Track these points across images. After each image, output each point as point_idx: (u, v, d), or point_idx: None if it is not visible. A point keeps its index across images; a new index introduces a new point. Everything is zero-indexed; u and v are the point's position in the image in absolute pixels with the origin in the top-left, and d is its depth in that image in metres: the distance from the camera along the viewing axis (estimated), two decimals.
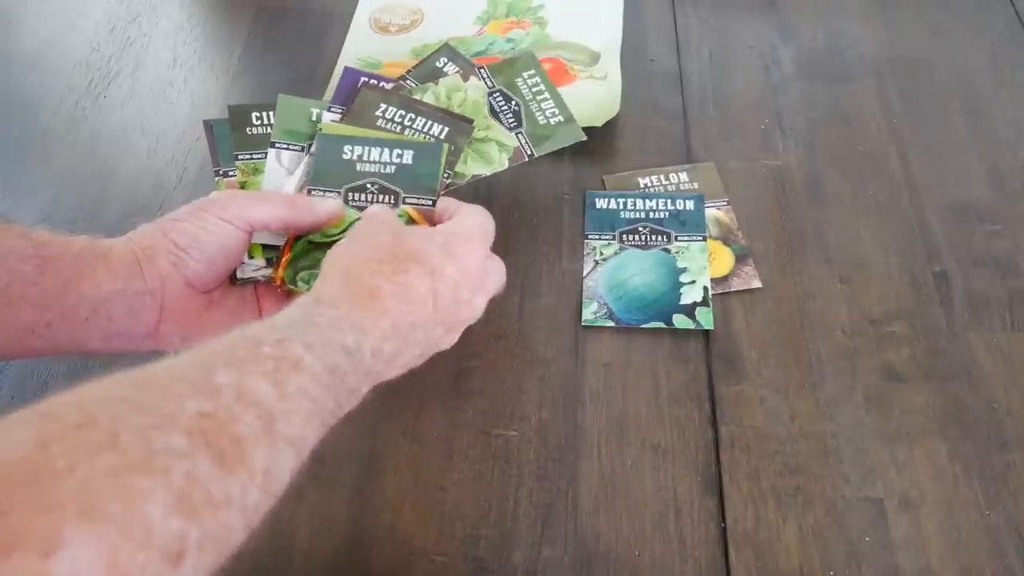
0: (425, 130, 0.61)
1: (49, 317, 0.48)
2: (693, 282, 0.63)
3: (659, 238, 0.66)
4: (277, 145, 0.61)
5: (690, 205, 0.67)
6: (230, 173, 0.63)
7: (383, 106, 0.62)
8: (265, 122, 0.64)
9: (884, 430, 0.56)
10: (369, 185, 0.57)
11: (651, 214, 0.67)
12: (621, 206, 0.68)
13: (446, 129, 0.62)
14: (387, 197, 0.57)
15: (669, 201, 0.68)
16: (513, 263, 0.64)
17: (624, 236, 0.66)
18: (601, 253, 0.65)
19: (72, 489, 0.28)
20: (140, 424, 0.32)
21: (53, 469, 0.28)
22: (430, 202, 0.57)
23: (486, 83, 0.66)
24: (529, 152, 0.62)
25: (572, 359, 0.60)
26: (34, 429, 0.30)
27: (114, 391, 0.34)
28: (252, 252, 0.57)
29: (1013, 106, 0.76)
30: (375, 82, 0.64)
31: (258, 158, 0.63)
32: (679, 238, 0.65)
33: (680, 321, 0.61)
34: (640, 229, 0.66)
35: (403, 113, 0.62)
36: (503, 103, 0.65)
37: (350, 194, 0.57)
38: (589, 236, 0.66)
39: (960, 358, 0.60)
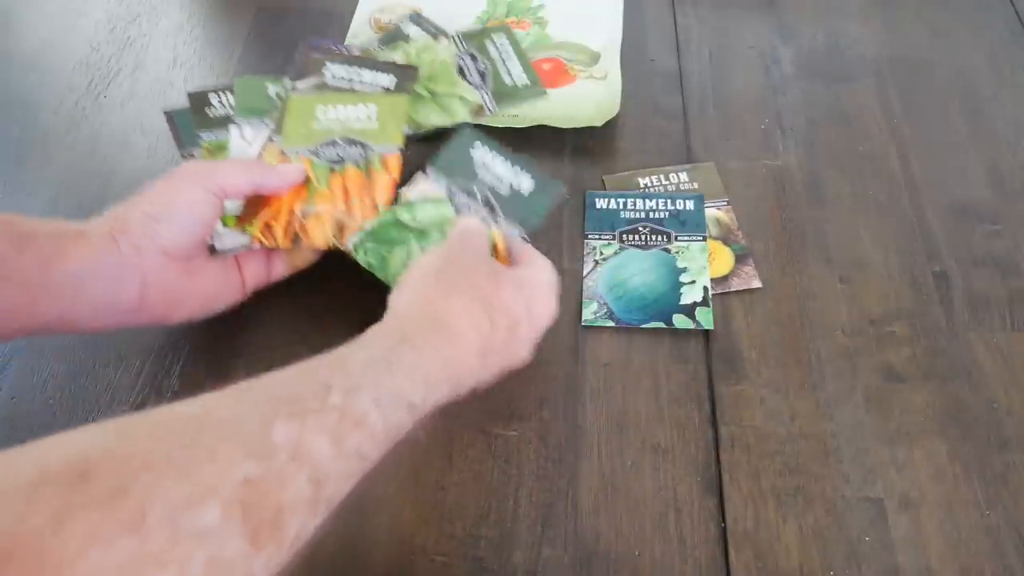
0: (374, 82, 0.63)
1: (34, 293, 0.49)
2: (693, 282, 0.63)
3: (659, 238, 0.66)
4: (239, 122, 0.63)
5: (690, 205, 0.67)
6: (195, 154, 0.65)
7: (328, 64, 0.64)
8: (224, 102, 0.67)
9: (884, 430, 0.56)
10: (479, 194, 0.58)
11: (651, 214, 0.67)
12: (621, 206, 0.68)
13: (394, 79, 0.63)
14: (490, 213, 0.58)
15: (669, 201, 0.68)
16: None
17: (624, 236, 0.66)
18: (601, 253, 0.65)
19: None
20: (175, 499, 0.30)
21: (61, 556, 0.27)
22: (524, 237, 0.58)
23: (458, 46, 0.67)
24: (491, 108, 0.64)
25: (572, 359, 0.60)
26: (61, 495, 0.28)
27: (163, 445, 0.32)
28: (225, 222, 0.58)
29: (1013, 106, 0.76)
30: (326, 44, 0.66)
31: (221, 137, 0.65)
32: (679, 238, 0.65)
33: (680, 321, 0.61)
34: (640, 229, 0.66)
35: (348, 68, 0.63)
36: (471, 63, 0.66)
37: (458, 194, 0.59)
38: (589, 236, 0.66)
39: (960, 358, 0.60)
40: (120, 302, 0.52)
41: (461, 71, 0.67)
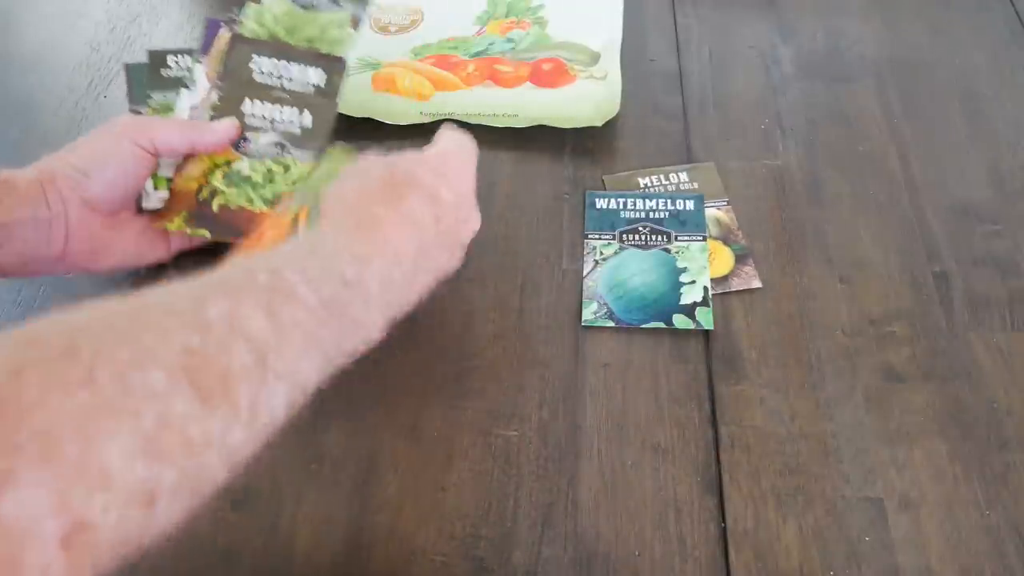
0: (302, 78, 0.62)
1: None
2: (693, 282, 0.63)
3: (659, 238, 0.66)
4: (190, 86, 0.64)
5: (690, 205, 0.67)
6: (141, 111, 0.68)
7: (255, 57, 0.63)
8: (182, 65, 0.68)
9: (884, 430, 0.56)
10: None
11: (651, 214, 0.67)
12: (621, 206, 0.68)
13: (323, 75, 0.63)
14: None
15: (669, 201, 0.68)
16: (513, 263, 0.65)
17: (624, 236, 0.66)
18: (601, 253, 0.65)
19: (35, 428, 0.28)
20: (121, 359, 0.31)
21: (21, 403, 0.28)
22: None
23: None
24: (359, 12, 0.64)
25: (572, 359, 0.60)
26: (13, 355, 0.30)
27: (103, 320, 0.33)
28: (157, 184, 0.59)
29: (1013, 106, 0.76)
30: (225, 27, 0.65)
31: (170, 98, 0.66)
32: (679, 238, 0.65)
33: (680, 321, 0.61)
34: (640, 229, 0.66)
35: (275, 62, 0.63)
36: None
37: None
38: (589, 236, 0.66)
39: (960, 358, 0.60)
40: (47, 253, 0.54)
41: (305, 5, 0.66)
